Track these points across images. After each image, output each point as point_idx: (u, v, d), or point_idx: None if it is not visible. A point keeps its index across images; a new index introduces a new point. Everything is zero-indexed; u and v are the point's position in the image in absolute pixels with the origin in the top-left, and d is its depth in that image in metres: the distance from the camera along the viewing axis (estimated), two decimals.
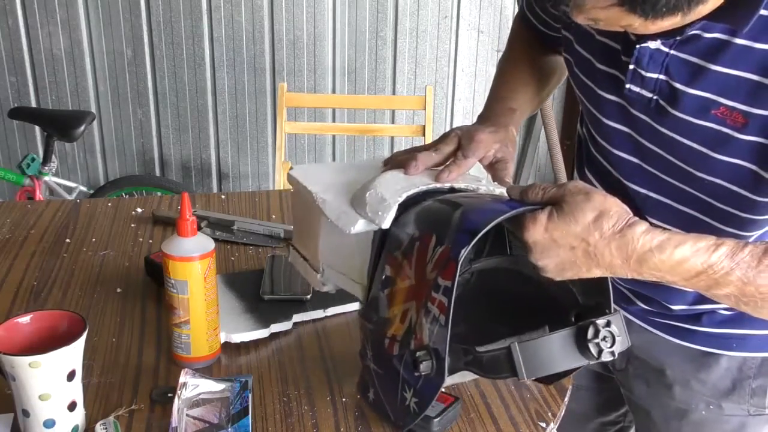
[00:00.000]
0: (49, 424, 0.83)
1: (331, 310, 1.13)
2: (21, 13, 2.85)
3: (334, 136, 3.20)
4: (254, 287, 1.15)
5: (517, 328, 0.88)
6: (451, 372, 0.76)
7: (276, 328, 1.07)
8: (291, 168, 1.01)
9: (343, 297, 1.14)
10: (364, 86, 3.12)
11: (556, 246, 0.75)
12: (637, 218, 0.75)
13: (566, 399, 0.96)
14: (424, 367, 0.76)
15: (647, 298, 1.04)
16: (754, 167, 0.81)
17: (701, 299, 0.99)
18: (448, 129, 1.10)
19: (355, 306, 1.14)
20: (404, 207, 0.86)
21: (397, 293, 0.83)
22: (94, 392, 0.93)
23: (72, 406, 0.84)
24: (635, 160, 0.94)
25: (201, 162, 3.17)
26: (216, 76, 3.02)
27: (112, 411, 0.90)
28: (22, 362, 0.79)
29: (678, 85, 0.83)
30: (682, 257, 0.73)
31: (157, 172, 3.15)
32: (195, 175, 3.18)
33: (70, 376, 0.82)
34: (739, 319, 0.99)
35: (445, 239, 0.77)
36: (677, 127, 0.85)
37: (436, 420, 0.86)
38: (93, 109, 3.00)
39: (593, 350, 0.74)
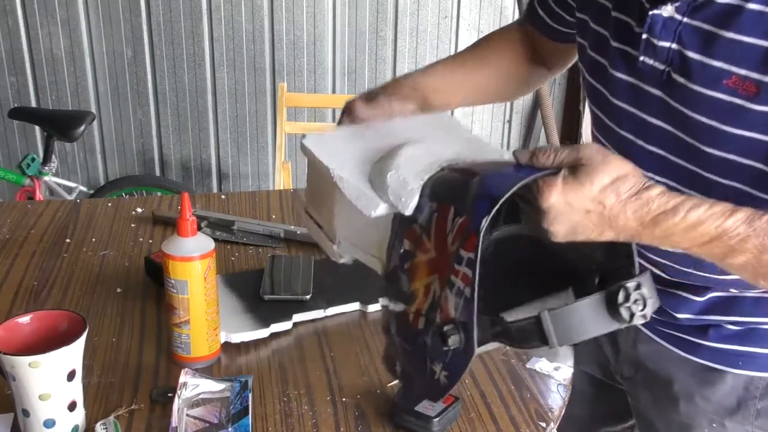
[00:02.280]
0: (49, 424, 0.83)
1: (331, 310, 1.13)
2: (21, 13, 2.85)
3: None
4: (254, 287, 1.15)
5: (538, 293, 0.85)
6: (480, 344, 0.74)
7: (276, 328, 1.07)
8: (303, 137, 0.98)
9: (343, 297, 1.14)
10: (364, 86, 3.12)
11: (571, 210, 0.72)
12: (653, 182, 0.73)
13: (566, 399, 0.96)
14: (452, 341, 0.74)
15: None
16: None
17: (707, 309, 0.97)
18: None
19: (355, 306, 1.14)
20: None
21: (418, 267, 0.81)
22: (94, 392, 0.93)
23: (72, 406, 0.84)
24: (640, 142, 0.92)
25: (201, 162, 3.16)
26: (216, 76, 3.02)
27: (112, 411, 0.90)
28: (22, 362, 0.79)
29: (690, 54, 0.82)
30: (697, 220, 0.71)
31: (157, 172, 3.15)
32: (195, 175, 3.18)
33: (70, 376, 0.82)
34: (747, 335, 0.96)
35: (463, 210, 0.75)
36: (688, 101, 0.83)
37: (436, 420, 0.86)
38: (93, 109, 3.00)
39: (625, 314, 0.71)
